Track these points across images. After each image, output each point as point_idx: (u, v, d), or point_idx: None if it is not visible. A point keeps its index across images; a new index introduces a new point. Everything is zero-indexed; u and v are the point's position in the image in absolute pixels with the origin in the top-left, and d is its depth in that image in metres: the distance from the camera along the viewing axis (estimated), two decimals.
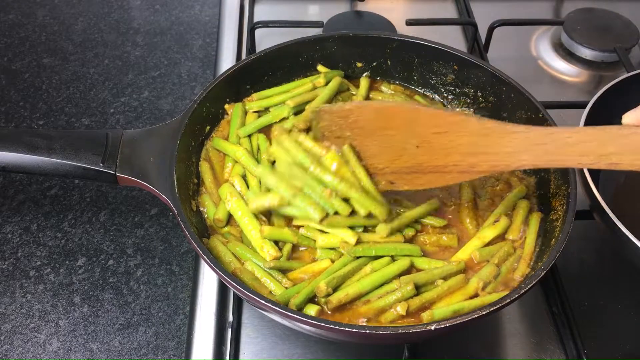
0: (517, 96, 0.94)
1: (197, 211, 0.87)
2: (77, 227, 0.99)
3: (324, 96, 0.97)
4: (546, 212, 0.86)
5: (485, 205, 0.88)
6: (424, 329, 0.67)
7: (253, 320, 0.87)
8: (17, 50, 1.29)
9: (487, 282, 0.78)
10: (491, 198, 0.89)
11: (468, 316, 0.68)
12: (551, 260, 0.73)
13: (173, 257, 0.96)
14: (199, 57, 1.29)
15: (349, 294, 0.75)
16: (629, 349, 0.85)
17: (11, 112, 1.16)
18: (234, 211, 0.85)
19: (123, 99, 1.19)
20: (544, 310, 0.89)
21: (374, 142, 0.74)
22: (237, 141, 0.94)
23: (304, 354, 0.83)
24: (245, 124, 0.97)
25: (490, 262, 0.80)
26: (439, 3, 1.42)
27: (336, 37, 1.02)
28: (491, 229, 0.84)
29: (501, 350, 0.85)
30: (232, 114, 0.97)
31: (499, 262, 0.80)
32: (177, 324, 0.88)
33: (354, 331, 0.67)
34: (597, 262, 0.96)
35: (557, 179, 0.85)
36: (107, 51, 1.30)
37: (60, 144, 0.83)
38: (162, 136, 0.86)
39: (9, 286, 0.92)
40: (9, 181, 1.05)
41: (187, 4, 1.41)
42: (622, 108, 1.00)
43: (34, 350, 0.85)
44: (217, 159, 0.93)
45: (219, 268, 0.72)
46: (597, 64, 1.26)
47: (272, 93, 1.00)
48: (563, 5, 1.42)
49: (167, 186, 0.80)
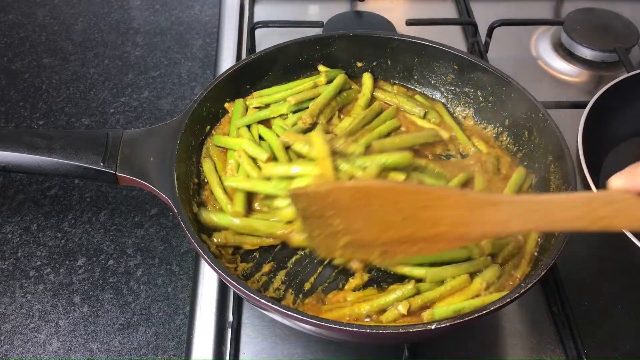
0: (517, 96, 0.94)
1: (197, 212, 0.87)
2: (77, 227, 0.99)
3: (328, 93, 0.97)
4: None
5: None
6: (425, 328, 0.67)
7: (253, 320, 0.87)
8: (17, 50, 1.29)
9: (491, 282, 0.78)
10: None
11: (469, 316, 0.68)
12: (551, 260, 0.73)
13: (173, 257, 0.96)
14: (199, 57, 1.29)
15: None
16: (629, 349, 0.85)
17: (11, 112, 1.16)
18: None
19: (123, 99, 1.19)
20: (544, 310, 0.89)
21: (358, 218, 0.70)
22: (237, 134, 0.95)
23: (304, 354, 0.83)
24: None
25: (494, 262, 0.80)
26: (439, 3, 1.42)
27: (336, 36, 1.02)
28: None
29: (501, 350, 0.85)
30: (234, 109, 0.97)
31: (502, 261, 0.80)
32: (177, 324, 0.88)
33: (355, 330, 0.67)
34: (597, 262, 0.96)
35: (557, 179, 0.85)
36: (107, 51, 1.30)
37: (61, 143, 0.83)
38: (163, 136, 0.86)
39: (9, 286, 0.92)
40: (9, 181, 1.05)
41: (187, 4, 1.41)
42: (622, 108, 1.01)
43: (34, 350, 0.85)
44: (219, 157, 0.93)
45: (219, 267, 0.72)
46: (597, 64, 1.26)
47: (273, 91, 1.00)
48: (563, 5, 1.42)
49: (167, 186, 0.80)
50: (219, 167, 0.92)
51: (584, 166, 0.85)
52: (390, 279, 0.82)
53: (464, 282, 0.78)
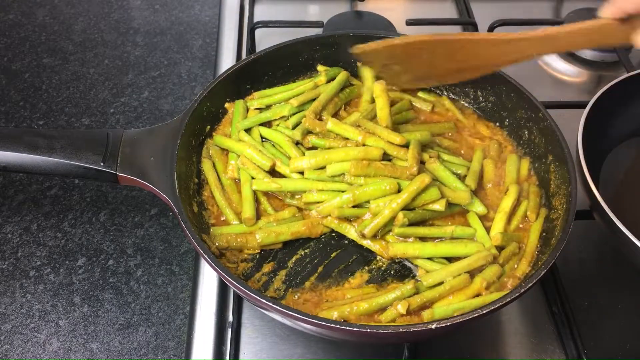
0: (517, 96, 0.94)
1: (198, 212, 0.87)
2: (77, 227, 0.99)
3: (331, 90, 0.97)
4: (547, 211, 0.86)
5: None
6: (425, 328, 0.67)
7: (253, 320, 0.87)
8: (17, 50, 1.29)
9: (491, 282, 0.78)
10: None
11: (469, 315, 0.68)
12: (551, 259, 0.73)
13: (173, 257, 0.96)
14: (199, 57, 1.29)
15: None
16: (629, 349, 0.85)
17: (11, 112, 1.16)
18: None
19: (123, 99, 1.19)
20: (544, 310, 0.89)
21: (412, 62, 0.92)
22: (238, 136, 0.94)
23: (304, 354, 0.83)
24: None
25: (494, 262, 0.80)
26: (439, 3, 1.42)
27: (336, 36, 1.02)
28: (506, 198, 0.86)
29: (501, 350, 0.85)
30: (234, 110, 0.97)
31: (503, 261, 0.80)
32: (177, 324, 0.88)
33: (355, 330, 0.67)
34: (597, 262, 0.96)
35: (557, 178, 0.85)
36: (107, 51, 1.30)
37: (61, 143, 0.84)
38: (163, 136, 0.86)
39: (9, 286, 0.92)
40: (9, 181, 1.05)
41: (187, 4, 1.41)
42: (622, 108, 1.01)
43: (34, 350, 0.85)
44: (219, 157, 0.93)
45: (219, 267, 0.72)
46: (597, 64, 1.26)
47: (273, 92, 1.00)
48: (563, 5, 1.42)
49: (167, 186, 0.80)
50: (219, 167, 0.92)
51: (584, 166, 0.85)
52: (389, 279, 0.82)
53: (464, 282, 0.78)
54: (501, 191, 0.89)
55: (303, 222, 0.86)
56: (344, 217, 0.85)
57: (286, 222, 0.85)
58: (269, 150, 0.92)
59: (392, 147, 0.86)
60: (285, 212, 0.87)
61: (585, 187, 0.85)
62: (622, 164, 1.03)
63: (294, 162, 0.88)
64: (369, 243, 0.84)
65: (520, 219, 0.86)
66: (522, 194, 0.88)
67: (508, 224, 0.85)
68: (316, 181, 0.87)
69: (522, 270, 0.80)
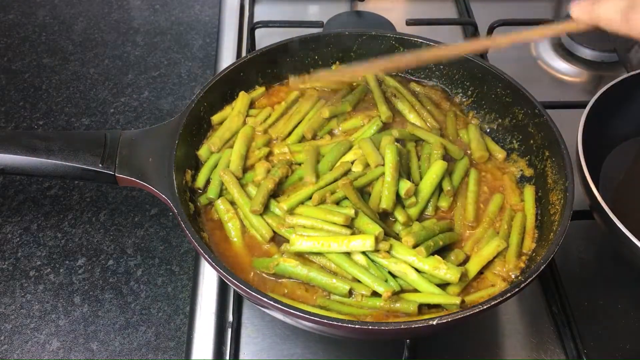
0: (517, 96, 0.94)
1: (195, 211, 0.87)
2: (77, 227, 0.99)
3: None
4: (544, 206, 0.86)
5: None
6: (426, 324, 0.67)
7: (253, 320, 0.87)
8: (17, 50, 1.29)
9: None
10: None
11: (469, 311, 0.68)
12: (550, 253, 0.73)
13: (173, 257, 0.96)
14: (199, 57, 1.29)
15: None
16: (629, 349, 0.85)
17: (11, 112, 1.16)
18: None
19: (123, 99, 1.19)
20: (544, 310, 0.89)
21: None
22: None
23: (304, 353, 0.83)
24: (247, 114, 0.96)
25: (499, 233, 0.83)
26: (439, 3, 1.42)
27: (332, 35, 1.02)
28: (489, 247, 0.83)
29: (501, 350, 0.85)
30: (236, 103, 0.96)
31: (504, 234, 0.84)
32: (177, 324, 0.88)
33: (356, 327, 0.67)
34: (597, 262, 0.96)
35: (554, 174, 0.85)
36: (107, 51, 1.30)
37: (59, 145, 0.83)
38: (161, 136, 0.86)
39: (9, 286, 0.92)
40: (9, 181, 1.05)
41: (187, 4, 1.41)
42: (622, 108, 1.01)
43: (34, 350, 0.86)
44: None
45: (219, 266, 0.72)
46: (597, 64, 1.26)
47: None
48: (563, 5, 1.42)
49: (166, 186, 0.80)
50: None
51: (584, 166, 0.85)
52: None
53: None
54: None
55: None
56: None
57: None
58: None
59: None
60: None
61: (585, 187, 0.85)
62: (622, 164, 1.03)
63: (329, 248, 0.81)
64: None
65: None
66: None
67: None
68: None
69: (528, 246, 0.83)
